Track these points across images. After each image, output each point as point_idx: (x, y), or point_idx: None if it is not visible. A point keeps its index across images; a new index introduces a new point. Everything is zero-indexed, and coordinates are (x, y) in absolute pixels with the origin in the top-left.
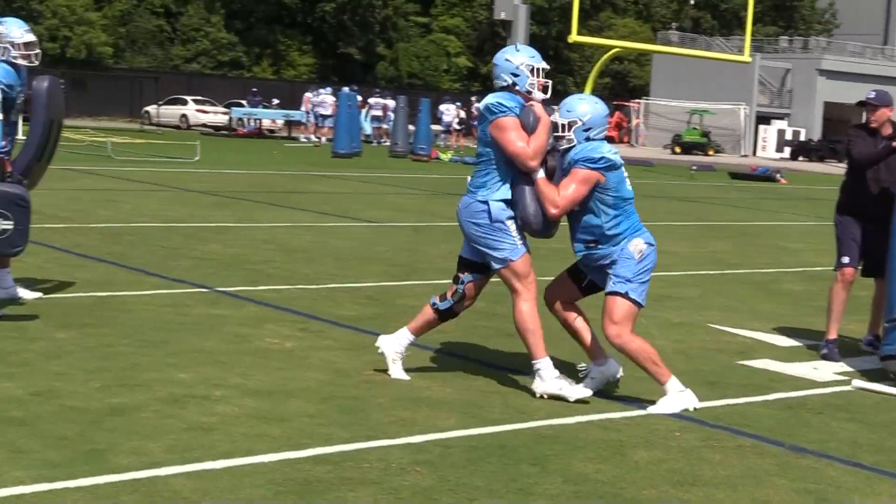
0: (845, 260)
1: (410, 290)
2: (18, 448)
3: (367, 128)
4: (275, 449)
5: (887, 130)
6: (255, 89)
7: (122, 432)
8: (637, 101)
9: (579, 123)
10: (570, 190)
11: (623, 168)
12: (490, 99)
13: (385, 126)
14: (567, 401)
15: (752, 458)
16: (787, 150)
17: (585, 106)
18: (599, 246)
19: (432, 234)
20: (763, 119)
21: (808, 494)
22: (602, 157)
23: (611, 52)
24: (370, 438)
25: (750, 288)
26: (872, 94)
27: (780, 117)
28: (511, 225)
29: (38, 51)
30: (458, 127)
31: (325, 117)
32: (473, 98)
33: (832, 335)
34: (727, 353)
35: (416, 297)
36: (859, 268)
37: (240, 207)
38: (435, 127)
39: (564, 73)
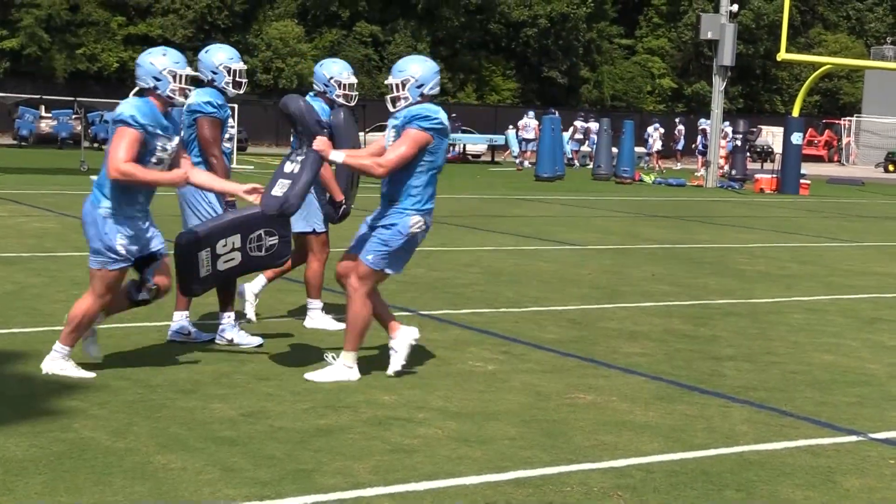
0: None
1: (613, 313)
2: (230, 467)
3: (569, 151)
4: (476, 471)
5: None
6: (453, 115)
7: (327, 453)
8: (848, 118)
9: (412, 81)
10: (401, 149)
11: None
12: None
13: (586, 149)
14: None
15: None
16: None
17: (415, 65)
18: (393, 206)
19: (636, 256)
20: None
21: None
22: (437, 119)
23: (821, 70)
24: (571, 462)
25: None
26: None
27: None
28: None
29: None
30: (659, 148)
31: (528, 141)
32: (677, 119)
33: None
34: None
35: (618, 321)
36: None
37: (444, 231)
38: (638, 149)
39: (772, 91)
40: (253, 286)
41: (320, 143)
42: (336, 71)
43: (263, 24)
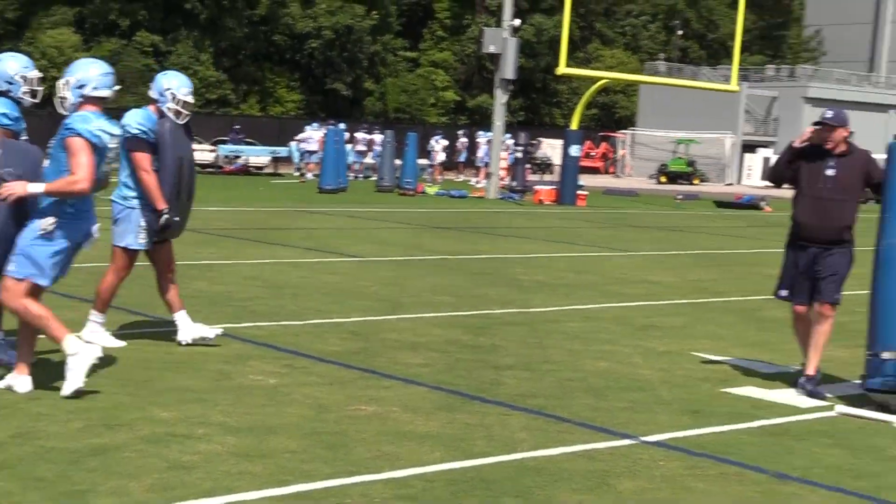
0: (784, 293)
1: (395, 324)
2: None
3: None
4: (257, 486)
5: (841, 149)
6: (237, 126)
7: (102, 472)
8: (624, 131)
9: (73, 81)
10: (81, 159)
11: (106, 153)
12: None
13: (370, 161)
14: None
15: (735, 486)
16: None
17: (78, 64)
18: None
19: (418, 268)
20: (748, 147)
21: None
22: (88, 131)
23: (598, 84)
24: (353, 474)
25: (735, 315)
26: (830, 114)
27: (765, 145)
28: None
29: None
30: (442, 160)
31: (310, 153)
32: (460, 132)
33: (809, 370)
34: (711, 382)
35: (400, 332)
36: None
37: (226, 244)
38: (421, 161)
39: (552, 105)
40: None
41: (7, 188)
42: (175, 85)
43: (37, 32)
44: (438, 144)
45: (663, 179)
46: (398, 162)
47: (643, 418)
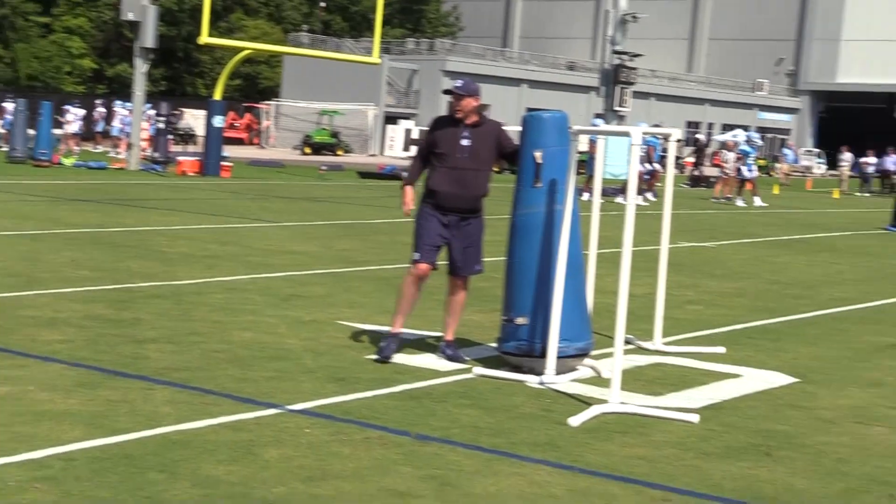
0: (417, 255)
1: (31, 300)
2: None
3: None
4: None
5: (472, 119)
6: None
7: None
8: (268, 102)
9: None
10: None
11: None
12: None
13: (1, 130)
14: None
15: (378, 449)
16: (414, 149)
17: None
18: None
19: (55, 242)
20: (391, 119)
21: (432, 480)
22: None
23: (241, 55)
24: None
25: (377, 284)
26: (460, 83)
27: (407, 117)
28: None
29: None
30: (78, 131)
31: None
32: (98, 101)
33: (394, 328)
34: (355, 349)
35: (36, 308)
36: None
37: None
38: (57, 131)
39: (195, 75)
40: None
41: None
42: None
43: None
44: (71, 114)
45: (308, 150)
46: (31, 132)
47: (289, 387)
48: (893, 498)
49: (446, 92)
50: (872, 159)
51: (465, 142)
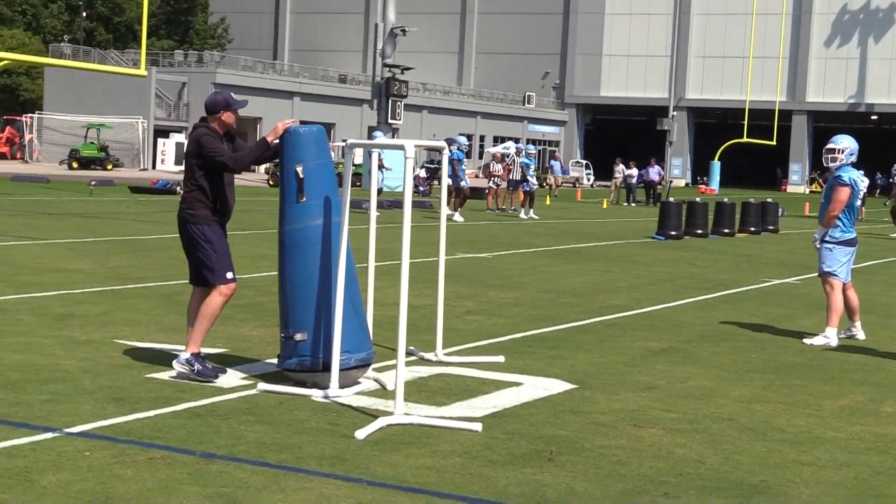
0: (231, 275)
1: None
2: None
3: None
4: None
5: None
6: None
7: None
8: (30, 115)
9: None
10: None
11: None
12: None
13: None
14: None
15: (163, 469)
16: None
17: None
18: None
19: None
20: (162, 132)
21: (219, 498)
22: None
23: None
24: None
25: (155, 301)
26: (238, 98)
27: (179, 130)
28: None
29: None
30: None
31: None
32: None
33: (197, 348)
34: (135, 368)
35: None
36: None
37: None
38: None
39: None
40: None
41: None
42: None
43: None
44: None
45: (75, 165)
46: None
47: (66, 409)
48: (668, 496)
49: (227, 107)
50: (634, 171)
51: None
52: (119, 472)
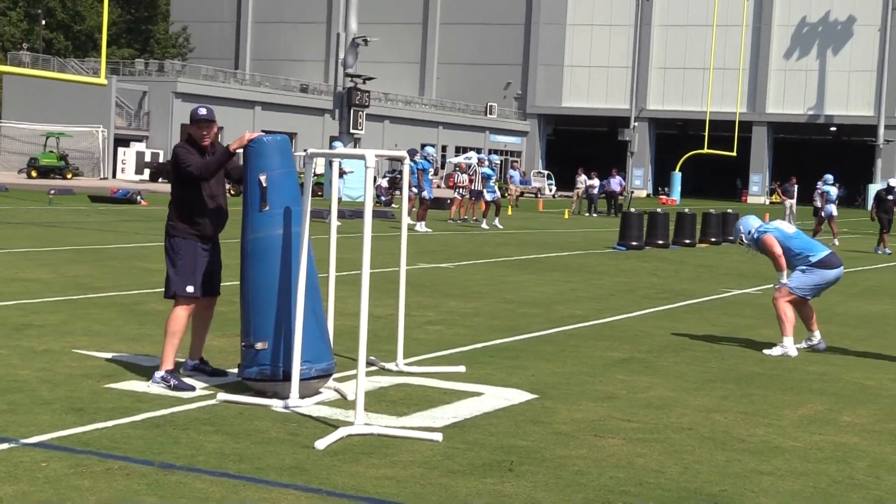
0: (191, 289)
1: None
2: None
3: None
4: None
5: (208, 143)
6: None
7: None
8: None
9: None
10: None
11: None
12: None
13: None
14: None
15: (121, 480)
16: (147, 172)
17: None
18: None
19: None
20: (122, 141)
21: None
22: None
23: None
24: None
25: (115, 310)
26: (204, 111)
27: (139, 139)
28: None
29: None
30: None
31: None
32: None
33: (171, 365)
34: (94, 378)
35: None
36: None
37: None
38: None
39: None
40: None
41: None
42: None
43: None
44: None
45: (34, 174)
46: None
47: (23, 420)
48: None
49: (197, 121)
50: (596, 181)
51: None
52: (76, 482)
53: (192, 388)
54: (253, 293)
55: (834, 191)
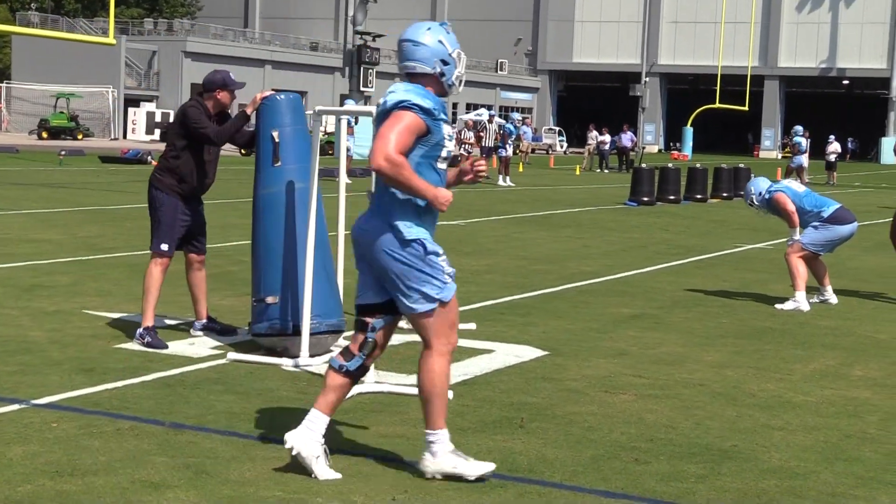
0: (165, 247)
1: None
2: None
3: None
4: None
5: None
6: None
7: None
8: None
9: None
10: None
11: None
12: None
13: None
14: (466, 480)
15: (131, 440)
16: (158, 132)
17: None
18: None
19: None
20: (132, 102)
21: (187, 469)
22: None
23: None
24: None
25: (124, 271)
26: (236, 79)
27: (149, 99)
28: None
29: None
30: None
31: None
32: None
33: (150, 321)
34: (104, 338)
35: None
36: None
37: None
38: None
39: None
40: None
41: None
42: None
43: None
44: None
45: (45, 135)
46: None
47: (33, 381)
48: (638, 462)
49: (231, 88)
50: (607, 137)
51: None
52: (86, 443)
53: (165, 346)
54: (263, 248)
55: (804, 142)
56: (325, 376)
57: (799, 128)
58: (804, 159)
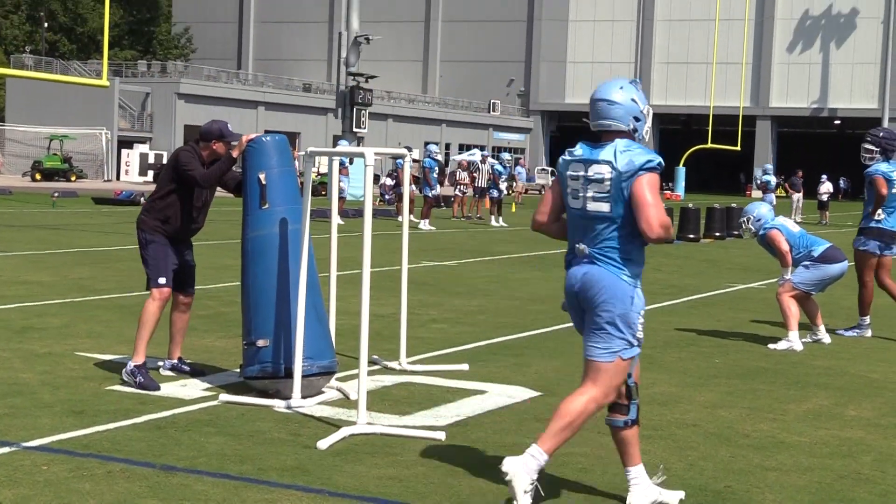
0: (163, 280)
1: None
2: None
3: None
4: None
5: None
6: None
7: None
8: None
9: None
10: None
11: None
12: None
13: None
14: None
15: (122, 482)
16: (151, 174)
17: None
18: None
19: None
20: (125, 143)
21: None
22: None
23: None
24: None
25: (116, 312)
26: (230, 126)
27: (143, 141)
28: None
29: None
30: None
31: None
32: None
33: (142, 358)
34: (96, 380)
35: None
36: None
37: None
38: None
39: None
40: None
41: None
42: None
43: None
44: None
45: (38, 177)
46: None
47: (25, 423)
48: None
49: (228, 139)
50: None
51: None
52: (77, 486)
53: (157, 387)
54: (253, 291)
55: (773, 179)
56: (615, 439)
57: (769, 166)
58: (773, 197)
